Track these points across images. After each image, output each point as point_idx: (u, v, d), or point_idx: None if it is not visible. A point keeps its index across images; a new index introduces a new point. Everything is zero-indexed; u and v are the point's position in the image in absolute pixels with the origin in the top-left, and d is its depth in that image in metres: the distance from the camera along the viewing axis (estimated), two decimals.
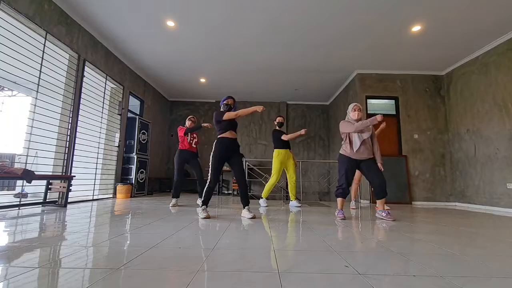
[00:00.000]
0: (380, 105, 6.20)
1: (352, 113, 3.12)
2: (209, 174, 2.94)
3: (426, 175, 5.78)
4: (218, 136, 3.03)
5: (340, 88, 7.29)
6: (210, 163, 2.97)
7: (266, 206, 4.28)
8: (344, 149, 3.14)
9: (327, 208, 4.44)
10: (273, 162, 4.46)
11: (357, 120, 3.09)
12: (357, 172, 4.13)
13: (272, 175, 4.43)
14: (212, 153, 2.98)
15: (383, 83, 6.11)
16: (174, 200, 4.03)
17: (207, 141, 8.14)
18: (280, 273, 1.23)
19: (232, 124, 3.05)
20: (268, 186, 4.42)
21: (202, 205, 2.92)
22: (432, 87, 6.09)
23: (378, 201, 3.14)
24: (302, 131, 4.34)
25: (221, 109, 3.16)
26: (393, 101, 6.15)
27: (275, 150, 4.47)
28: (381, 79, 6.12)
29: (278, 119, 4.61)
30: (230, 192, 7.65)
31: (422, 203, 5.59)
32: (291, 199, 4.51)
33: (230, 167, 3.06)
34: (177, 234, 2.01)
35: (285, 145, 4.45)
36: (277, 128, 4.60)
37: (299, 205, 4.48)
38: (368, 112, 6.02)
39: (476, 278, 1.23)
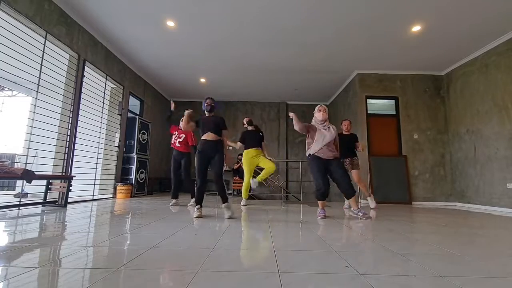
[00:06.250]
0: (380, 105, 6.20)
1: (317, 114, 3.21)
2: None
3: (426, 175, 5.78)
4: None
5: (340, 88, 7.29)
6: None
7: (245, 205, 4.29)
8: (312, 148, 3.15)
9: (327, 208, 4.42)
10: None
11: (323, 121, 3.16)
12: (355, 172, 4.15)
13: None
14: None
15: (383, 83, 6.11)
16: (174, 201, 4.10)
17: None
18: (280, 273, 1.23)
19: (208, 126, 3.06)
20: (243, 186, 4.40)
21: (196, 205, 2.98)
22: (432, 87, 6.09)
23: (349, 201, 3.14)
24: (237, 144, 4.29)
25: (205, 111, 3.20)
26: (393, 101, 6.14)
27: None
28: (381, 79, 6.12)
29: (244, 120, 4.51)
30: (230, 192, 7.63)
31: (422, 203, 5.59)
32: (256, 179, 4.27)
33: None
34: (177, 234, 2.01)
35: (249, 144, 4.30)
36: (248, 128, 4.44)
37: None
38: (368, 112, 6.02)
39: (476, 278, 1.23)
